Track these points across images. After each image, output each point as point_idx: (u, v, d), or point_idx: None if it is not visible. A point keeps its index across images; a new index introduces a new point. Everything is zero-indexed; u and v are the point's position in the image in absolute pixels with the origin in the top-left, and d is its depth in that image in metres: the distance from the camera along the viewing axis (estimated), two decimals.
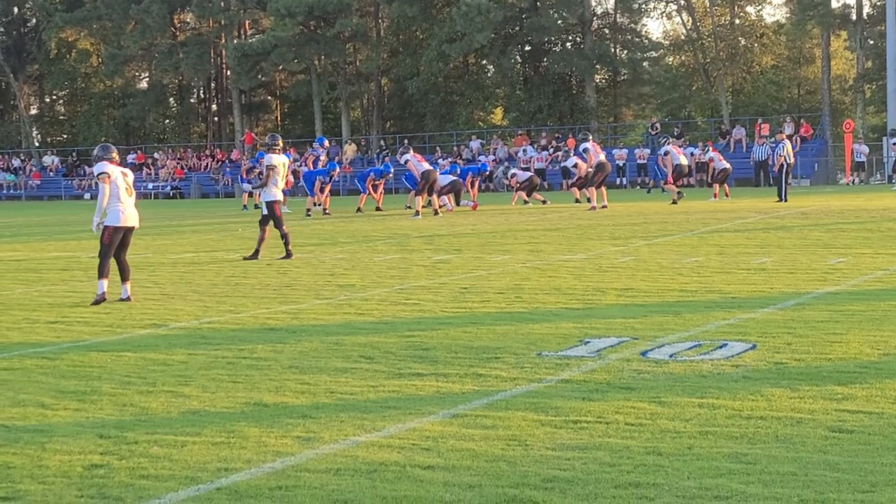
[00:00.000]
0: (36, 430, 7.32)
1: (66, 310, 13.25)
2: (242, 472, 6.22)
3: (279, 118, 78.21)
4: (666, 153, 31.51)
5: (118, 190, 13.82)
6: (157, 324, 11.90)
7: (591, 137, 31.86)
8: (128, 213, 13.95)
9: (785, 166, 30.47)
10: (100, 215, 13.80)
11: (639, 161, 51.59)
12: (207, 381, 8.70)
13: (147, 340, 10.85)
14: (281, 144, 19.65)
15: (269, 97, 77.97)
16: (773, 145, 33.65)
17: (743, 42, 60.91)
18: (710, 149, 40.34)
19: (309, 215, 31.26)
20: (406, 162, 30.41)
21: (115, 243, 13.85)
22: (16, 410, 7.89)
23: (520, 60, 66.57)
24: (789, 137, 49.68)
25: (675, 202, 30.00)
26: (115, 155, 14.09)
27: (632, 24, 65.63)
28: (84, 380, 8.91)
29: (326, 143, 36.70)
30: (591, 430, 6.86)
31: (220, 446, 6.76)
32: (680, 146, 49.39)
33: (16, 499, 5.83)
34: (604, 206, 28.81)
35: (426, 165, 29.91)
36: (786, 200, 29.34)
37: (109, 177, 13.75)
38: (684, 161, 32.55)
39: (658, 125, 55.99)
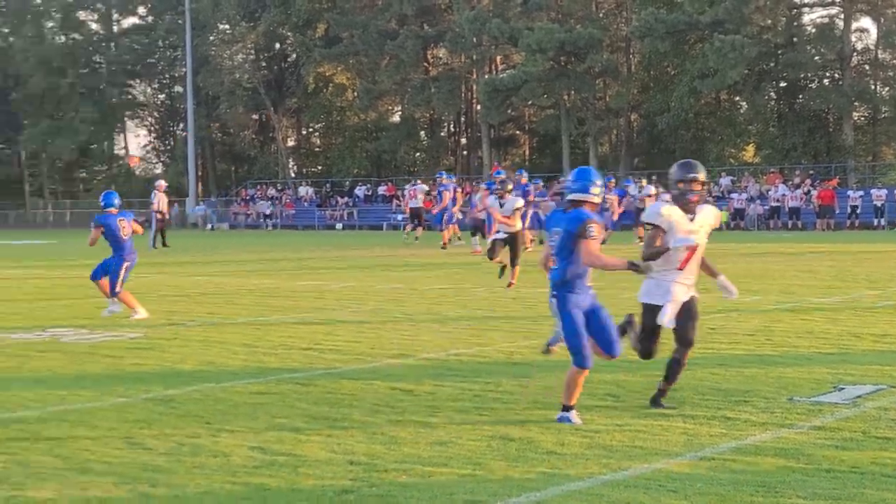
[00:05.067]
0: (290, 453, 7.54)
1: (319, 337, 13.63)
2: None
3: (527, 153, 78.78)
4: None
5: None
6: (406, 354, 12.12)
7: None
8: None
9: None
10: None
11: None
12: (454, 413, 8.80)
13: (396, 370, 11.05)
14: None
15: (518, 131, 78.67)
16: None
17: None
18: None
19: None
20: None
21: None
22: (272, 434, 8.15)
23: (774, 97, 65.21)
24: None
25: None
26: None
27: (894, 61, 63.41)
28: (335, 407, 9.14)
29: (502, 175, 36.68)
30: (845, 479, 6.63)
31: (467, 478, 6.83)
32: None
33: None
34: None
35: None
36: None
37: None
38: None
39: None
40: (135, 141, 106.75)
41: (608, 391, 9.59)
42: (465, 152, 78.22)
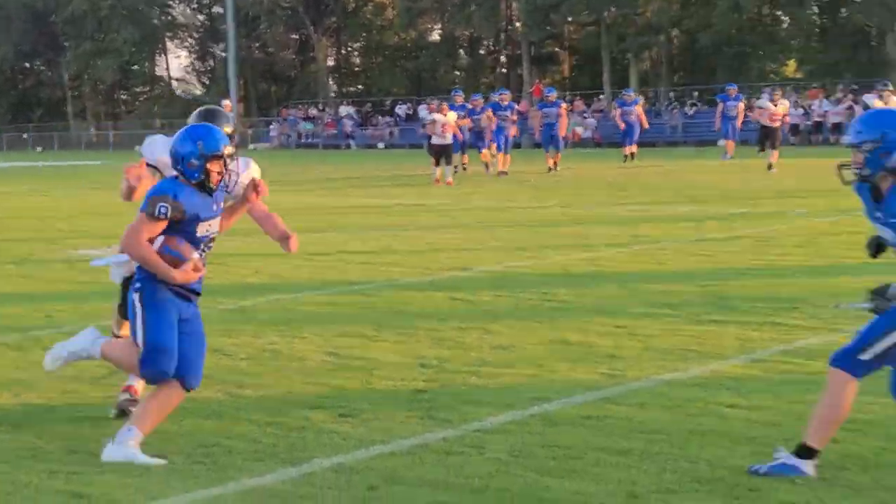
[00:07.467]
0: (362, 357, 7.99)
1: (375, 251, 14.05)
2: (554, 401, 6.67)
3: (567, 70, 78.51)
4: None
5: None
6: (463, 267, 12.52)
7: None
8: None
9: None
10: None
11: None
12: (514, 321, 9.21)
13: (454, 282, 11.46)
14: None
15: (558, 49, 78.35)
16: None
17: None
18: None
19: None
20: None
21: None
22: (343, 340, 8.59)
23: (817, 11, 64.57)
24: None
25: None
26: None
27: None
28: (400, 315, 9.57)
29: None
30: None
31: (533, 378, 7.26)
32: None
33: (353, 416, 6.46)
34: None
35: None
36: None
37: None
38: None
39: None
40: (175, 62, 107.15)
41: (662, 300, 9.95)
42: (504, 70, 78.06)
